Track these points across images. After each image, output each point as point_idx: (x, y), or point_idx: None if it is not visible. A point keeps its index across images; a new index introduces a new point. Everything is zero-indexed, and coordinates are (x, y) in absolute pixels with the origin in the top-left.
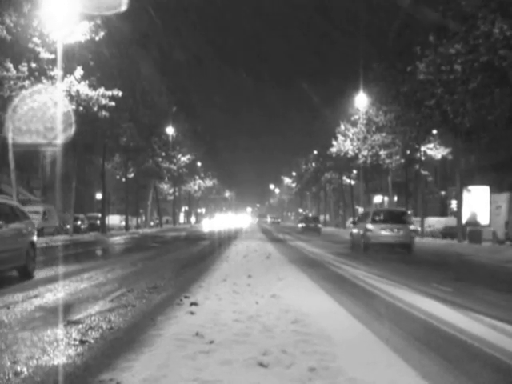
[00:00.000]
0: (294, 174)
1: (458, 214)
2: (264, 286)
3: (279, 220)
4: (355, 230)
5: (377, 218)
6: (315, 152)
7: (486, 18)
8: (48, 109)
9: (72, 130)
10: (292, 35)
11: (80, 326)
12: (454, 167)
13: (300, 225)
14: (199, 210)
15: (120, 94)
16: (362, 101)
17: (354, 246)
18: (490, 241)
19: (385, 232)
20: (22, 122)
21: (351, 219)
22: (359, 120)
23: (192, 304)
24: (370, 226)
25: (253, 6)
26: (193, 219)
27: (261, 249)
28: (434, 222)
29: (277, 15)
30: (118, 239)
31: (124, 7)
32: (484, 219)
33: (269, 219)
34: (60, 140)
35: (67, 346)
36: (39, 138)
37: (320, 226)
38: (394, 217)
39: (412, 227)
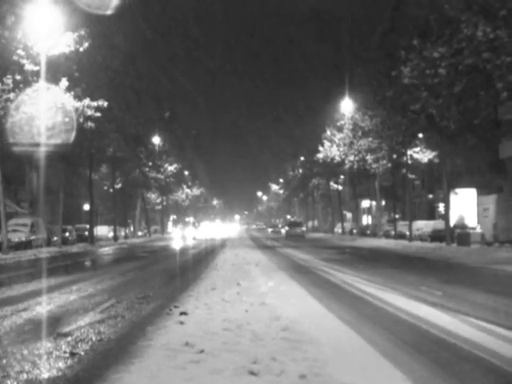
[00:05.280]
0: (281, 180)
1: (445, 217)
2: (253, 294)
3: (264, 226)
4: (283, 230)
5: (290, 224)
6: (302, 158)
7: (469, 21)
8: (33, 120)
9: (59, 141)
10: (278, 40)
11: (70, 338)
12: (440, 170)
13: (269, 229)
14: (187, 219)
15: (105, 104)
16: (347, 106)
17: (285, 236)
18: (478, 243)
19: (292, 230)
20: (8, 133)
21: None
22: (345, 125)
23: (181, 314)
24: (287, 228)
25: (239, 14)
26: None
27: (250, 256)
28: (423, 225)
29: (263, 21)
30: (106, 250)
31: (111, 10)
32: (472, 221)
33: (255, 226)
34: (46, 151)
35: (57, 359)
36: (26, 149)
37: (282, 230)
38: (296, 223)
39: (304, 228)
